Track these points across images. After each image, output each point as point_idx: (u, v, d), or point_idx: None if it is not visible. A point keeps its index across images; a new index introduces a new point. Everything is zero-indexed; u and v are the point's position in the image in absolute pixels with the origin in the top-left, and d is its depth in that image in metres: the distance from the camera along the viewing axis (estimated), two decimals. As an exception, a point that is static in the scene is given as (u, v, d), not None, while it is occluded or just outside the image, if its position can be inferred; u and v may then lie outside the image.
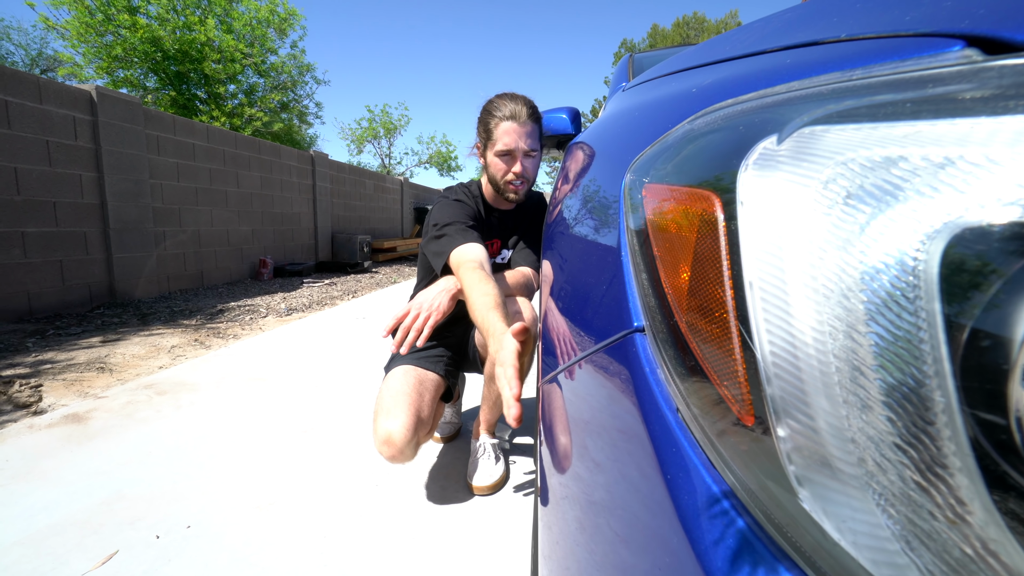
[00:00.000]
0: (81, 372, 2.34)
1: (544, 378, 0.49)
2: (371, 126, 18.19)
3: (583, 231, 0.49)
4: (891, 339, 0.16)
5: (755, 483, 0.20)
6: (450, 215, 1.26)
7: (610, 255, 0.38)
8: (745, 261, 0.21)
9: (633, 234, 0.34)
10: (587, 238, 0.46)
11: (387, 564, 1.08)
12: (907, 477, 0.15)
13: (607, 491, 0.31)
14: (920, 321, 0.15)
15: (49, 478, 1.39)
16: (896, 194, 0.17)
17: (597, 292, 0.38)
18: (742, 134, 0.25)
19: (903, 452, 0.15)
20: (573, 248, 0.51)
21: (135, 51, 8.40)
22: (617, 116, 0.65)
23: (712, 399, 0.22)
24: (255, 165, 5.86)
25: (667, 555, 0.23)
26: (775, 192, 0.20)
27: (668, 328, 0.26)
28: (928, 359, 0.15)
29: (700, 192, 0.25)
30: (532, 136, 1.26)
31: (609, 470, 0.31)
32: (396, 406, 1.17)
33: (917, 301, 0.15)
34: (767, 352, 0.19)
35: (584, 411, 0.37)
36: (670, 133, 0.35)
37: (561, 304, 0.47)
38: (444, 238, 1.21)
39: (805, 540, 0.18)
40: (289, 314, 3.92)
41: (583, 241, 0.47)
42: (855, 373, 0.16)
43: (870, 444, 0.16)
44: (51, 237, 3.43)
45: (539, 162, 1.35)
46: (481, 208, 1.37)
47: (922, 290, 0.15)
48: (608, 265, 0.38)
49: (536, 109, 1.28)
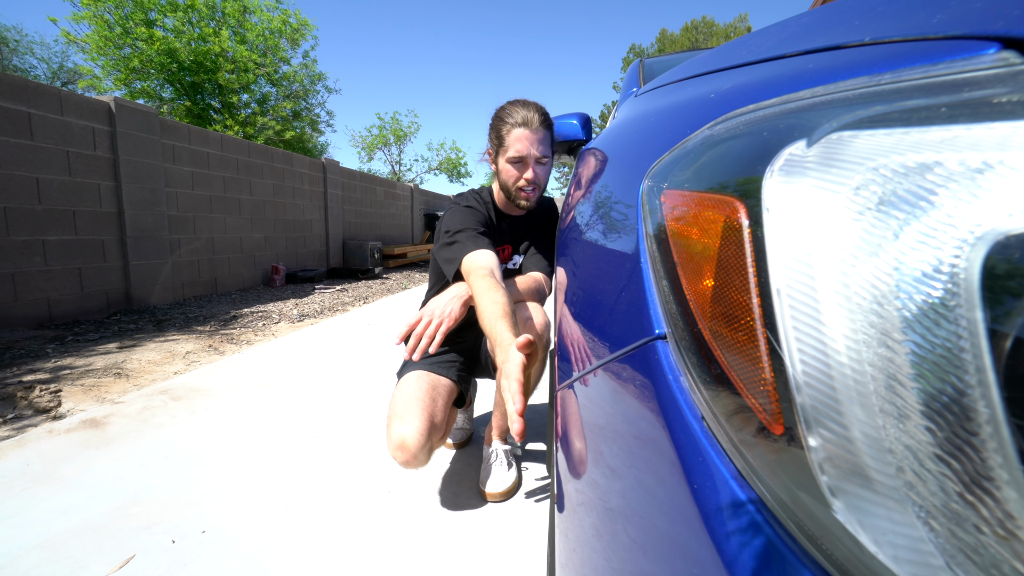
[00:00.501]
0: (99, 378, 2.38)
1: (560, 384, 0.49)
2: (381, 133, 18.36)
3: (599, 237, 0.49)
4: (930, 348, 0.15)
5: (785, 493, 0.20)
6: (461, 221, 1.26)
7: (628, 261, 0.38)
8: (772, 268, 0.21)
9: (652, 240, 0.34)
10: (603, 244, 0.46)
11: (400, 570, 1.07)
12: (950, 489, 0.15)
13: (624, 498, 0.31)
14: (960, 330, 0.15)
15: (68, 482, 1.41)
16: (932, 200, 0.16)
17: (615, 298, 0.38)
18: (766, 140, 0.24)
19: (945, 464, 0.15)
20: (589, 254, 0.51)
21: (152, 63, 8.59)
22: (631, 122, 0.65)
23: (739, 408, 0.22)
24: (268, 173, 5.94)
25: (692, 565, 0.22)
26: (803, 199, 0.20)
27: (691, 335, 0.26)
28: (970, 368, 0.14)
29: (723, 198, 0.25)
30: (544, 143, 1.26)
31: (627, 477, 0.31)
32: (409, 411, 1.17)
33: (957, 309, 0.15)
34: (797, 361, 0.19)
35: (601, 418, 0.36)
36: (689, 139, 0.35)
37: (577, 310, 0.47)
38: (455, 244, 1.22)
39: (839, 552, 0.18)
40: (301, 320, 3.95)
41: (599, 248, 0.47)
42: (892, 382, 0.16)
43: (909, 455, 0.15)
44: (70, 245, 3.50)
45: (551, 169, 1.35)
46: (492, 214, 1.38)
47: (962, 298, 0.15)
48: (626, 271, 0.37)
49: (548, 116, 1.29)
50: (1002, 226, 0.15)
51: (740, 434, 0.22)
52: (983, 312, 0.14)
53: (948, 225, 0.16)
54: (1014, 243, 0.14)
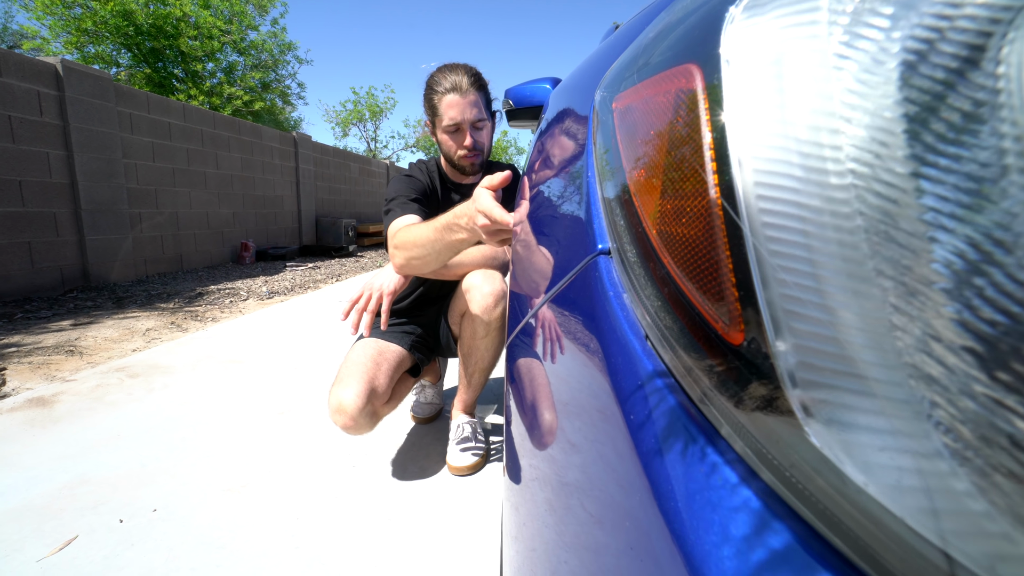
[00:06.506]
0: (49, 355, 2.25)
1: (509, 336, 0.44)
2: (356, 109, 17.79)
3: (550, 177, 0.44)
4: (952, 175, 0.10)
5: (747, 420, 0.15)
6: (394, 190, 1.25)
7: (576, 187, 0.33)
8: (731, 134, 0.16)
9: (601, 152, 0.29)
10: (553, 181, 0.41)
11: (360, 545, 1.04)
12: (980, 376, 0.10)
13: (571, 445, 0.27)
14: (1003, 140, 0.10)
15: (8, 463, 1.33)
16: None
17: (561, 234, 0.33)
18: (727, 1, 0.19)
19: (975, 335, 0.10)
20: (539, 199, 0.46)
21: (106, 25, 8.03)
22: (588, 57, 0.59)
23: (689, 318, 0.17)
24: (235, 146, 5.68)
25: (636, 511, 0.18)
26: (770, 38, 0.15)
27: (637, 244, 0.21)
28: (1013, 192, 0.10)
29: (677, 70, 0.20)
30: (478, 105, 1.22)
31: (572, 422, 0.27)
32: (350, 375, 1.14)
33: (995, 117, 0.10)
34: (763, 236, 0.14)
35: (548, 360, 0.32)
36: (644, 34, 0.29)
37: (524, 252, 0.42)
38: (388, 214, 1.21)
39: (820, 491, 0.13)
40: (271, 297, 3.83)
41: (549, 187, 0.42)
42: (895, 232, 0.11)
43: (919, 331, 0.11)
44: (17, 218, 3.28)
45: (492, 130, 1.33)
46: (438, 183, 1.34)
47: (1004, 95, 0.10)
48: (573, 196, 0.32)
49: (480, 76, 1.25)
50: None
51: (690, 350, 0.17)
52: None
53: (966, 14, 0.11)
54: None
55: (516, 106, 1.62)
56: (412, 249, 1.03)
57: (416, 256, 1.03)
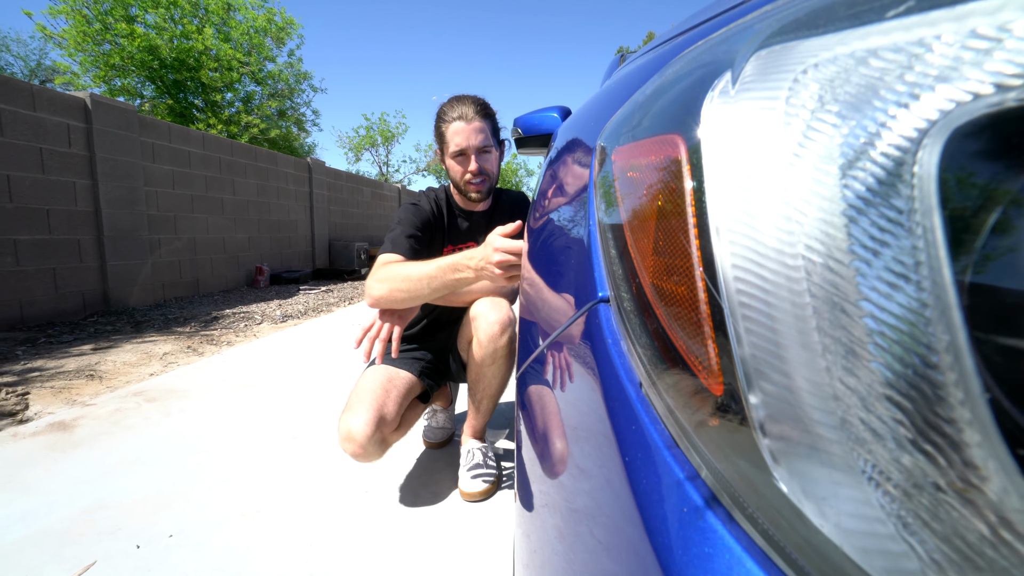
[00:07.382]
0: (70, 380, 2.31)
1: (519, 369, 0.46)
2: (369, 134, 18.21)
3: (555, 215, 0.46)
4: (879, 264, 0.12)
5: (725, 464, 0.17)
6: (397, 220, 1.30)
7: (580, 231, 0.35)
8: (711, 204, 0.18)
9: (602, 203, 0.31)
10: (558, 220, 0.44)
11: (372, 572, 1.04)
12: (901, 437, 0.12)
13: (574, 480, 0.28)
14: (916, 239, 0.12)
15: (29, 488, 1.35)
16: (878, 90, 0.14)
17: (566, 275, 0.35)
18: (712, 70, 0.22)
19: (895, 405, 0.12)
20: (545, 234, 0.48)
21: (132, 60, 8.40)
22: (595, 96, 0.62)
23: (677, 368, 0.19)
24: (251, 172, 5.84)
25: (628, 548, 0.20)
26: (738, 120, 0.18)
27: (632, 295, 0.23)
28: (926, 284, 0.11)
29: (664, 138, 0.22)
30: (483, 132, 1.27)
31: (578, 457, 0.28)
32: (359, 403, 1.16)
33: (913, 216, 0.12)
34: (736, 305, 0.16)
35: (555, 397, 0.34)
36: (640, 91, 0.32)
37: (532, 291, 0.44)
38: (384, 244, 1.26)
39: (784, 532, 0.15)
40: (284, 321, 3.88)
41: (554, 225, 0.45)
42: (836, 312, 0.13)
43: (854, 399, 0.13)
44: (44, 245, 3.40)
45: (499, 158, 1.36)
46: (445, 212, 1.37)
47: (917, 202, 0.12)
48: (577, 243, 0.35)
49: (486, 106, 1.30)
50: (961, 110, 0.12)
51: (678, 398, 0.19)
52: (942, 218, 0.12)
53: (898, 119, 0.13)
54: (975, 129, 0.12)
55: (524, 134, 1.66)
56: (402, 283, 1.08)
57: (403, 290, 1.08)
